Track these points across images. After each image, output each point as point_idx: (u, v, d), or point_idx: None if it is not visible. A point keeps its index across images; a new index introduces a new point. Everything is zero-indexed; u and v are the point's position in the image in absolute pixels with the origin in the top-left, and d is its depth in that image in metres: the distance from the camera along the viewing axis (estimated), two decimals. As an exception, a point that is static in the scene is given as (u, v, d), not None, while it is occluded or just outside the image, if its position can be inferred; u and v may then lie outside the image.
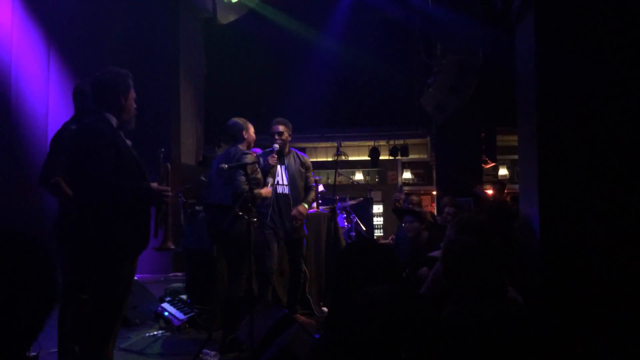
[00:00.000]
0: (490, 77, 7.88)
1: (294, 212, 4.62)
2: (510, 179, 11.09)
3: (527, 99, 3.09)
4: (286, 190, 4.68)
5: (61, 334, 3.34)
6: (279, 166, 4.67)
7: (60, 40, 6.61)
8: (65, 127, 3.41)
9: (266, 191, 4.35)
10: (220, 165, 4.08)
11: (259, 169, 4.33)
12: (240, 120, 4.30)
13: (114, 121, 2.82)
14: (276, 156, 4.53)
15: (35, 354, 3.66)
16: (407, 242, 5.06)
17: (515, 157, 9.16)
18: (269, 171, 4.58)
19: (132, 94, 2.90)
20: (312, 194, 4.90)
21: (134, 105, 2.92)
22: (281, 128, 4.66)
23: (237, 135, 4.22)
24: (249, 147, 4.27)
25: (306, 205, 4.72)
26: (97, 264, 2.69)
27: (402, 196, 7.49)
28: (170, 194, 2.84)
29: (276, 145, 4.55)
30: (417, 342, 1.05)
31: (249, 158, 4.06)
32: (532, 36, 2.86)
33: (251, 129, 4.31)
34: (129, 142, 2.99)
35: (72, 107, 3.68)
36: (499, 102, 8.28)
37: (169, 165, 3.00)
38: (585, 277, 2.68)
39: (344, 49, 9.55)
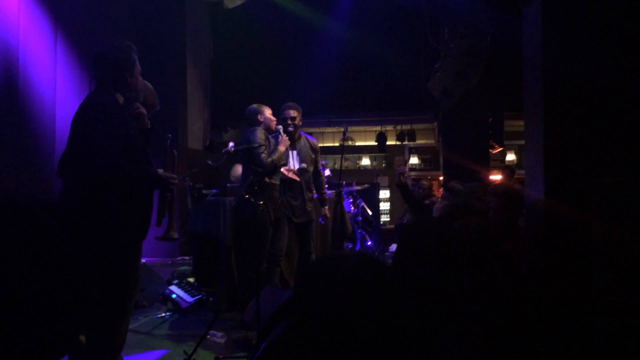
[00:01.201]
0: (498, 61, 7.81)
1: (323, 213, 4.91)
2: (518, 164, 11.06)
3: (533, 84, 3.08)
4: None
5: None
6: (290, 151, 4.69)
7: (67, 26, 6.63)
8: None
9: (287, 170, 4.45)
10: (224, 150, 4.12)
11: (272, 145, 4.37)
12: (255, 106, 4.39)
13: (121, 99, 2.70)
14: (286, 137, 4.54)
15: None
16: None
17: (523, 142, 9.13)
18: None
19: (138, 69, 2.75)
20: (323, 184, 5.04)
21: (139, 79, 2.79)
22: (293, 113, 4.67)
23: (253, 121, 4.31)
24: (268, 129, 4.36)
25: (327, 207, 5.01)
26: (103, 249, 2.55)
27: (406, 169, 7.44)
28: (176, 181, 2.74)
29: (280, 127, 4.57)
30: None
31: (258, 134, 4.13)
32: (539, 20, 2.84)
33: (267, 112, 4.38)
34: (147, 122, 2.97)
35: (79, 92, 3.61)
36: (506, 87, 8.22)
37: (175, 152, 2.95)
38: (590, 262, 2.70)
39: (351, 34, 9.50)
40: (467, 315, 1.81)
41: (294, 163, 4.70)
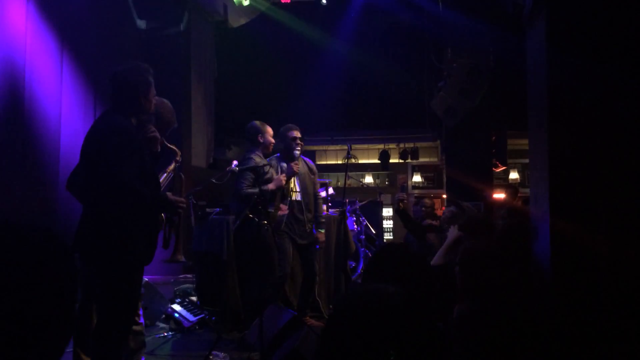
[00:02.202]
0: (501, 80, 7.86)
1: (320, 241, 4.74)
2: (521, 182, 11.04)
3: (538, 103, 3.08)
4: (299, 197, 4.68)
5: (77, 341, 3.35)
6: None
7: (73, 45, 6.69)
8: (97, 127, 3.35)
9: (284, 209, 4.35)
10: (228, 168, 4.11)
11: (270, 172, 4.33)
12: (257, 123, 4.29)
13: (134, 122, 2.73)
14: (299, 163, 4.52)
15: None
16: (415, 245, 5.10)
17: (526, 160, 9.12)
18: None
19: (152, 92, 2.76)
20: (320, 206, 4.96)
21: (154, 102, 2.81)
22: (297, 133, 4.63)
23: (252, 139, 4.22)
24: (265, 151, 4.24)
25: (323, 230, 4.85)
26: (112, 271, 2.59)
27: (405, 196, 7.46)
28: (184, 205, 2.75)
29: (297, 151, 4.55)
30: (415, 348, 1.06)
31: (256, 161, 4.06)
32: (544, 41, 2.85)
33: (268, 133, 4.29)
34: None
35: (85, 110, 3.65)
36: (509, 106, 8.25)
37: (182, 175, 2.96)
38: (596, 282, 2.67)
39: (354, 52, 9.56)
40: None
41: (295, 185, 4.69)
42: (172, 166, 3.40)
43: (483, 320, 1.94)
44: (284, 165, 4.53)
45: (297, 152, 4.57)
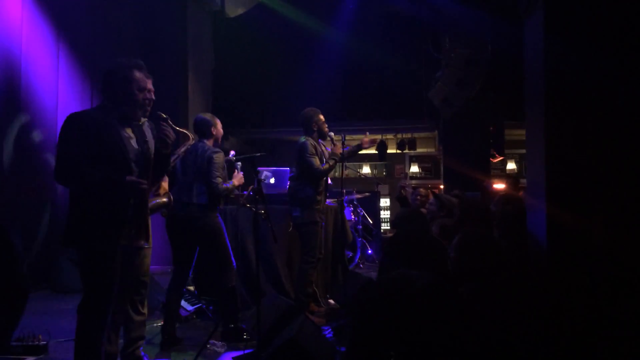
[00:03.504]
0: (499, 70, 7.85)
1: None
2: (519, 173, 11.07)
3: (534, 93, 3.09)
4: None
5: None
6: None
7: (69, 35, 6.66)
8: None
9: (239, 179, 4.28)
10: (226, 158, 4.10)
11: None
12: (207, 116, 4.25)
13: (114, 112, 2.81)
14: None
15: (44, 342, 3.73)
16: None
17: (524, 151, 9.13)
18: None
19: (136, 85, 2.82)
20: None
21: (139, 96, 2.84)
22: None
23: (205, 132, 4.15)
24: (216, 143, 4.21)
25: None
26: (82, 255, 2.72)
27: (408, 183, 7.46)
28: (145, 186, 2.76)
29: (332, 133, 4.77)
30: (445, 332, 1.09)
31: (218, 157, 4.03)
32: (541, 31, 2.85)
33: (219, 125, 4.26)
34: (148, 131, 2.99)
35: (81, 101, 3.68)
36: (507, 96, 8.25)
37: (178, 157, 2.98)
38: (592, 270, 2.69)
39: (352, 42, 9.53)
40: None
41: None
42: (183, 149, 3.52)
43: (480, 302, 1.98)
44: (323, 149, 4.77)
45: (332, 134, 4.81)
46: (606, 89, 2.73)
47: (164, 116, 2.91)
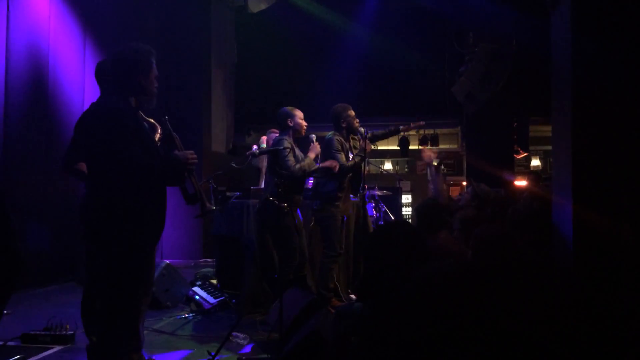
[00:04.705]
0: (524, 65, 7.73)
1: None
2: (543, 169, 10.91)
3: (561, 89, 3.04)
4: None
5: (85, 322, 3.35)
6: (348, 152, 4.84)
7: (96, 30, 6.76)
8: (87, 112, 3.14)
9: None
10: (248, 152, 4.15)
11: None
12: (287, 108, 4.40)
13: (132, 102, 2.69)
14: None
15: (72, 332, 3.81)
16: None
17: (548, 147, 9.01)
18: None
19: (154, 73, 2.70)
20: None
21: (155, 84, 2.72)
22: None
23: (281, 124, 4.32)
24: (296, 134, 4.34)
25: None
26: (121, 249, 2.55)
27: (433, 155, 7.29)
28: (194, 156, 2.67)
29: (313, 136, 4.67)
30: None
31: (285, 144, 4.12)
32: (568, 25, 2.80)
33: (297, 116, 4.37)
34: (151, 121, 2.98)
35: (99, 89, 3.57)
36: (531, 92, 8.12)
37: (175, 135, 2.86)
38: (619, 270, 2.64)
39: (374, 37, 9.49)
40: None
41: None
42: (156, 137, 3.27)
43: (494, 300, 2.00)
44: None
45: (362, 129, 4.83)
46: (636, 84, 2.68)
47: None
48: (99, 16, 6.81)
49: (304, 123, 4.47)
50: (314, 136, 4.59)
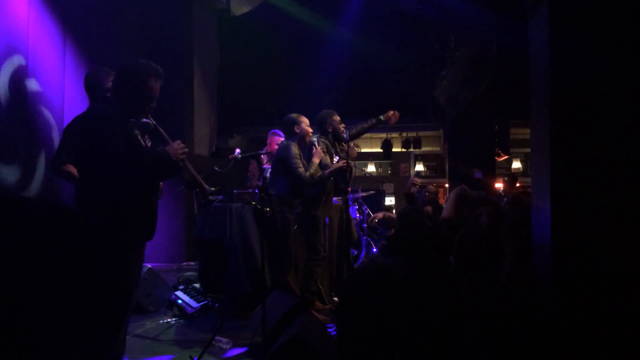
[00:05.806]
0: (504, 69, 7.83)
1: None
2: (524, 172, 11.04)
3: (539, 92, 3.08)
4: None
5: None
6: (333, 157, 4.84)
7: (75, 32, 6.69)
8: (78, 118, 3.38)
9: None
10: (231, 156, 4.15)
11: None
12: (294, 115, 4.42)
13: (125, 110, 2.81)
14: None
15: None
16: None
17: (529, 150, 9.12)
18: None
19: (150, 86, 2.83)
20: None
21: (152, 96, 2.85)
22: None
23: (288, 130, 4.35)
24: (302, 141, 4.37)
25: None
26: (109, 250, 2.60)
27: (419, 181, 7.44)
28: (184, 147, 2.79)
29: (314, 139, 4.70)
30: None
31: (293, 150, 4.16)
32: (546, 28, 2.85)
33: (304, 123, 4.39)
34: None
35: (88, 98, 3.74)
36: (512, 95, 8.23)
37: (161, 129, 2.94)
38: (597, 271, 2.68)
39: (357, 41, 9.53)
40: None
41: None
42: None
43: (478, 300, 2.01)
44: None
45: (345, 135, 4.82)
46: (613, 87, 2.73)
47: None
48: (79, 19, 6.74)
49: (310, 130, 4.50)
50: (315, 140, 4.62)
